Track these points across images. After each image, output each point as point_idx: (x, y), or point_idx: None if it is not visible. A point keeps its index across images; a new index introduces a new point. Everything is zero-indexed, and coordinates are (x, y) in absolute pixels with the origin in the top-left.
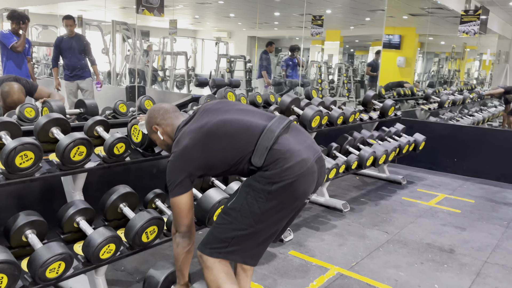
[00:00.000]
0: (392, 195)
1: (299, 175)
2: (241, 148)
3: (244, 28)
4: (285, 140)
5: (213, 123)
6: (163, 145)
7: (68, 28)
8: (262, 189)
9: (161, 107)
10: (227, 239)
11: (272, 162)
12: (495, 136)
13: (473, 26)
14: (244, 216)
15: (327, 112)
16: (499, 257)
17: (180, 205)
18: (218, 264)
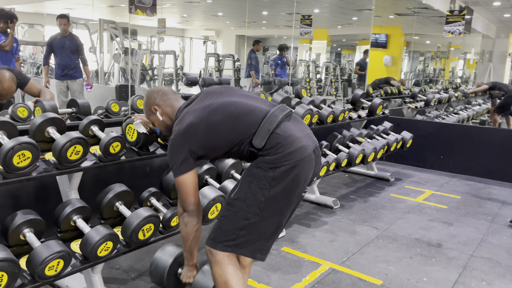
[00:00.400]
0: (380, 192)
1: (300, 161)
2: (244, 130)
3: (232, 27)
4: (287, 127)
5: (219, 104)
6: (162, 126)
7: (61, 27)
8: (265, 175)
9: (160, 89)
10: (235, 230)
11: (273, 146)
12: (479, 134)
13: (458, 26)
14: (249, 204)
15: (317, 111)
16: (485, 250)
17: (186, 183)
18: (227, 259)
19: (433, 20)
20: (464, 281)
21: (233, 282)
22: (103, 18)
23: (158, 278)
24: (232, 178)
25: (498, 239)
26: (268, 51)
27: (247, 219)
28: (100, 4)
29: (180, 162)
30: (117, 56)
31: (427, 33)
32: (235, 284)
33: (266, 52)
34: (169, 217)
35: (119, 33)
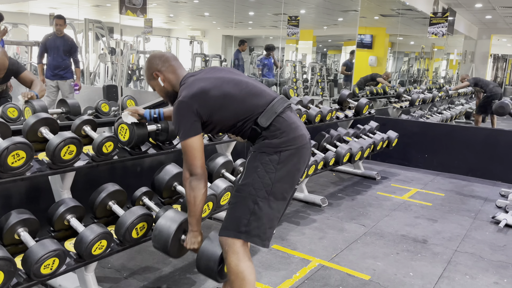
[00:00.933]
0: (367, 190)
1: (301, 147)
2: (253, 107)
3: (219, 27)
4: (290, 115)
5: (231, 78)
6: (162, 91)
7: (57, 27)
8: (271, 159)
9: (163, 54)
10: (246, 215)
11: (278, 129)
12: (462, 133)
13: (441, 28)
14: (257, 188)
15: (306, 111)
16: (468, 246)
17: (194, 145)
18: (243, 250)
19: (417, 21)
20: (448, 275)
21: (247, 272)
22: (89, 17)
23: (161, 243)
24: (223, 177)
25: (481, 235)
26: (254, 51)
27: (256, 202)
28: (85, 3)
29: (189, 125)
30: (103, 56)
31: (411, 34)
32: (249, 273)
33: (252, 52)
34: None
35: (105, 33)
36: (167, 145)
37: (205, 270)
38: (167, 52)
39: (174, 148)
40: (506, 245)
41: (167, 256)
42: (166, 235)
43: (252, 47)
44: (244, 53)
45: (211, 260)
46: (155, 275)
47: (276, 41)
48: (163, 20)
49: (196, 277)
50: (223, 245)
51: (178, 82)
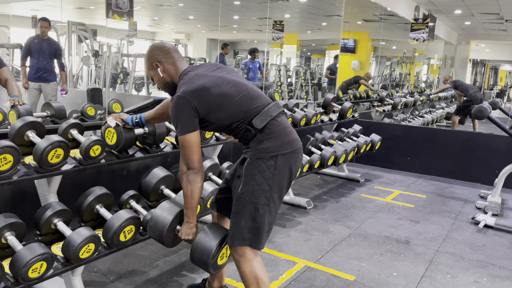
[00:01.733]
0: (351, 193)
1: (296, 150)
2: (249, 110)
3: (204, 31)
4: (284, 119)
5: (231, 80)
6: (160, 82)
7: (42, 30)
8: (267, 166)
9: (164, 45)
10: (248, 223)
11: (272, 133)
12: (443, 136)
13: (422, 34)
14: (257, 196)
15: (291, 114)
16: (449, 246)
17: (192, 140)
18: (253, 255)
19: (398, 27)
20: (430, 275)
21: (261, 276)
22: (71, 20)
23: (157, 233)
24: (210, 180)
25: (461, 235)
26: (238, 55)
27: (256, 209)
28: (68, 5)
29: (188, 120)
30: (87, 58)
31: (393, 39)
32: (263, 277)
33: (237, 56)
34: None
35: (89, 35)
36: (154, 149)
37: (198, 262)
38: (169, 43)
39: (161, 152)
40: (485, 245)
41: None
42: (162, 225)
43: (237, 51)
44: (227, 56)
45: (204, 253)
46: (142, 279)
47: (261, 45)
48: (147, 23)
49: (183, 280)
50: (234, 255)
51: (178, 74)
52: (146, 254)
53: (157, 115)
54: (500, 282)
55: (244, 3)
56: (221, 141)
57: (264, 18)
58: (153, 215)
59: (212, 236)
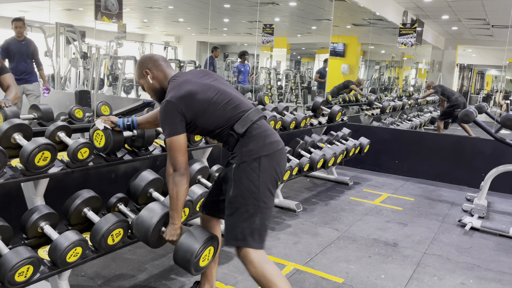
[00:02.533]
0: (340, 195)
1: (278, 151)
2: (232, 116)
3: (194, 33)
4: (265, 123)
5: (218, 87)
6: (150, 89)
7: (17, 30)
8: (252, 168)
9: (153, 55)
10: (239, 223)
11: (253, 136)
12: (430, 140)
13: (410, 38)
14: (246, 197)
15: (281, 117)
16: (436, 248)
17: (179, 142)
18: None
19: (387, 31)
20: (418, 277)
21: (268, 272)
22: (59, 21)
23: (142, 233)
24: (199, 183)
25: (448, 238)
26: (228, 58)
27: (247, 211)
28: (57, 7)
29: (175, 124)
30: (75, 60)
31: (382, 43)
32: (270, 274)
33: (227, 59)
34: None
35: (77, 37)
36: (143, 152)
37: (181, 262)
38: (157, 54)
39: (150, 155)
40: (471, 247)
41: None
42: (147, 226)
43: (227, 54)
44: (218, 59)
45: (188, 252)
46: (130, 283)
47: (251, 48)
48: (136, 25)
49: (172, 284)
50: (240, 258)
51: (167, 80)
52: (135, 257)
53: (151, 119)
54: (486, 284)
55: (234, 6)
56: (210, 144)
57: (254, 22)
58: (140, 215)
59: (196, 237)
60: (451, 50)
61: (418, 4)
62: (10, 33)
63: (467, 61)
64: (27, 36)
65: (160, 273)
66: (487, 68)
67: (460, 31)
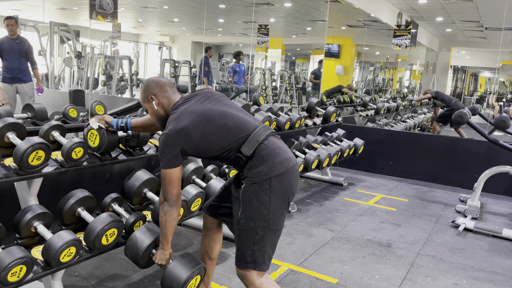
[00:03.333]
0: (335, 196)
1: (289, 169)
2: (235, 139)
3: (188, 33)
4: (273, 140)
5: (216, 112)
6: (154, 115)
7: (8, 28)
8: (263, 189)
9: (160, 79)
10: (249, 246)
11: (262, 157)
12: (425, 141)
13: (404, 40)
14: (255, 219)
15: (276, 118)
16: (430, 249)
17: (172, 176)
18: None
19: (382, 33)
20: (411, 277)
21: None
22: (53, 20)
23: (133, 254)
24: (193, 183)
25: (442, 238)
26: (223, 58)
27: (256, 233)
28: (51, 6)
29: (171, 156)
30: (69, 60)
31: (376, 45)
32: None
33: (222, 59)
34: (132, 222)
35: (71, 36)
36: (138, 151)
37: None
38: (164, 78)
39: (145, 154)
40: (465, 248)
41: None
42: (139, 248)
43: (222, 54)
44: (212, 59)
45: (174, 282)
46: (124, 283)
47: (246, 48)
48: (131, 25)
49: None
50: (241, 278)
51: (170, 107)
52: None
53: (145, 124)
54: (479, 284)
55: (229, 6)
56: None
57: (249, 22)
58: (132, 236)
59: (185, 266)
60: (445, 52)
61: (413, 5)
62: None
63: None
64: (21, 35)
65: (154, 273)
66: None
67: (454, 33)
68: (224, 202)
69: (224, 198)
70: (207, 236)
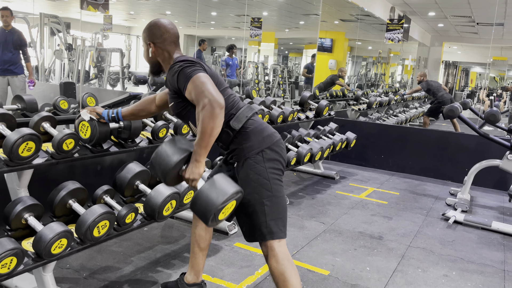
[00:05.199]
0: (327, 189)
1: (277, 141)
2: (226, 112)
3: (181, 26)
4: (258, 118)
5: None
6: (148, 59)
7: (3, 19)
8: (257, 161)
9: (170, 29)
10: (262, 218)
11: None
12: (416, 135)
13: (397, 34)
14: (258, 192)
15: (268, 111)
16: (420, 241)
17: (204, 78)
18: (280, 250)
19: (374, 27)
20: (402, 269)
21: (287, 274)
22: (44, 12)
23: (161, 167)
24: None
25: (432, 231)
26: (216, 51)
27: (264, 204)
28: None
29: (192, 68)
30: (59, 52)
31: (369, 39)
32: (290, 276)
33: (214, 53)
34: (124, 214)
35: (62, 28)
36: (130, 143)
37: (199, 209)
38: (173, 28)
39: (137, 146)
40: (454, 240)
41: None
42: (168, 161)
43: (215, 48)
44: (205, 52)
45: (210, 202)
46: (116, 275)
47: (238, 42)
48: (123, 17)
49: (158, 276)
50: (262, 249)
51: (170, 60)
52: (120, 250)
53: (135, 111)
54: (468, 276)
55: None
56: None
57: (242, 15)
58: (159, 149)
59: (224, 186)
60: (437, 47)
61: (405, 0)
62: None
63: (452, 58)
64: (15, 27)
65: (146, 265)
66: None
67: (446, 28)
68: None
69: None
70: (197, 226)
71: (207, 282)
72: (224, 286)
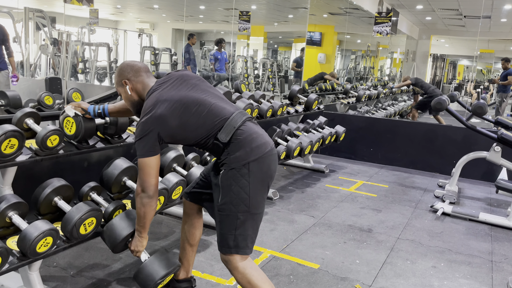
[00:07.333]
0: (316, 183)
1: (267, 153)
2: (212, 127)
3: (169, 20)
4: (250, 125)
5: (192, 100)
6: (128, 100)
7: None
8: (241, 174)
9: (135, 63)
10: (231, 231)
11: (239, 142)
12: (404, 128)
13: (385, 27)
14: (236, 204)
15: (257, 105)
16: (409, 233)
17: (151, 165)
18: (242, 261)
19: (363, 21)
20: (391, 261)
21: (254, 279)
22: (28, 6)
23: (111, 241)
24: (174, 171)
25: (420, 223)
26: (205, 46)
27: (238, 218)
28: None
29: (149, 145)
30: (45, 47)
31: (358, 33)
32: (257, 280)
33: (203, 47)
34: (111, 211)
35: (47, 22)
36: (116, 139)
37: (140, 282)
38: (139, 62)
39: (123, 142)
40: (442, 231)
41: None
42: (116, 236)
43: (203, 42)
44: (194, 47)
45: (149, 277)
46: (104, 272)
47: (227, 36)
48: (109, 11)
49: None
50: (225, 263)
51: (145, 92)
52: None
53: (122, 109)
54: (456, 267)
55: None
56: None
57: (230, 9)
58: (111, 223)
59: (162, 264)
60: (425, 40)
61: None
62: None
63: (440, 51)
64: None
65: (134, 262)
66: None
67: (434, 21)
68: (204, 188)
69: (204, 185)
70: (187, 222)
71: (197, 277)
72: (214, 282)
